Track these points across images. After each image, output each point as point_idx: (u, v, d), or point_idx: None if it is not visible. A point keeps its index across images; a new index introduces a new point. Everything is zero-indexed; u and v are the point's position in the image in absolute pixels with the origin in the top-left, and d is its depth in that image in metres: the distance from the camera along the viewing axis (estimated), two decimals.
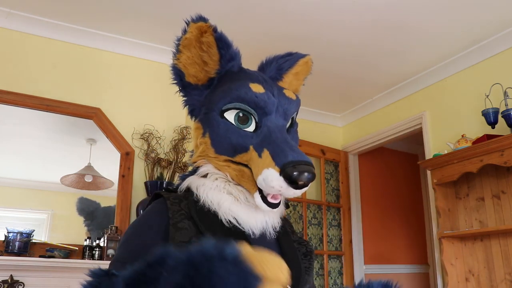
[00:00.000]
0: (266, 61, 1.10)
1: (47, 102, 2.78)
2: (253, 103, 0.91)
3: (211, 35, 0.92)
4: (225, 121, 0.92)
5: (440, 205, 3.00)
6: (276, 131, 0.90)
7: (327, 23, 2.87)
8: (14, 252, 2.43)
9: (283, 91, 0.97)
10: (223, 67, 0.97)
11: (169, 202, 0.88)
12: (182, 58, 0.95)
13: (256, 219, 0.88)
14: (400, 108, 3.83)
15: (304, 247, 0.98)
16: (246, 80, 0.93)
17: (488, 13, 2.77)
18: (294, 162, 0.81)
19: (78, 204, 2.83)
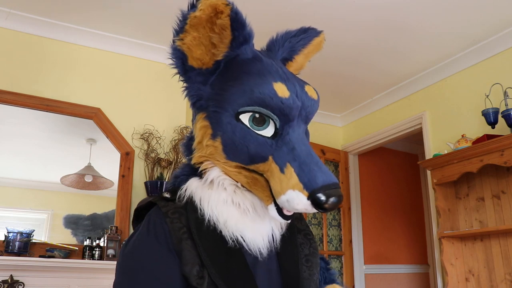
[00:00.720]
0: (278, 39, 0.95)
1: (47, 102, 2.78)
2: (278, 110, 0.78)
3: (227, 16, 0.77)
4: (241, 125, 0.79)
5: (440, 205, 3.00)
6: (300, 142, 0.79)
7: (327, 23, 2.87)
8: (14, 252, 2.43)
9: (305, 89, 0.84)
10: (233, 50, 0.83)
11: (168, 219, 0.79)
12: (187, 39, 0.80)
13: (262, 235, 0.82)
14: (400, 108, 3.83)
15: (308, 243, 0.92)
16: (268, 77, 0.80)
17: (488, 13, 2.77)
18: (325, 188, 0.73)
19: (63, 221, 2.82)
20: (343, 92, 3.93)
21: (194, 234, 0.78)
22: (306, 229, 0.94)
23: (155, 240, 0.78)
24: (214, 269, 0.75)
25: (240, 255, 0.79)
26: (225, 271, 0.76)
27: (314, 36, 0.97)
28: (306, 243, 0.92)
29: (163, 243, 0.78)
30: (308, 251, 0.91)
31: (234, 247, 0.79)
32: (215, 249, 0.78)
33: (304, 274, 0.86)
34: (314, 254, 0.92)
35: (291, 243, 0.89)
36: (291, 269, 0.85)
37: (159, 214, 0.81)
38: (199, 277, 0.75)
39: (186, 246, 0.77)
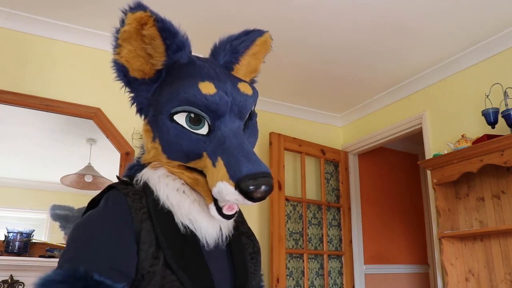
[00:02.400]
0: (220, 43, 0.98)
1: (47, 102, 2.78)
2: (204, 107, 0.83)
3: (153, 26, 0.83)
4: (175, 125, 0.84)
5: (440, 205, 3.00)
6: (230, 136, 0.82)
7: (327, 24, 2.87)
8: (14, 252, 2.43)
9: (237, 86, 0.87)
10: (170, 58, 0.88)
11: (129, 199, 0.82)
12: (123, 52, 0.88)
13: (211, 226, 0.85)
14: (400, 108, 3.83)
15: (251, 243, 0.95)
16: (196, 78, 0.85)
17: (488, 13, 2.77)
18: (249, 176, 0.75)
19: (51, 211, 2.80)
20: (343, 92, 3.93)
21: (152, 215, 0.80)
22: (248, 231, 0.99)
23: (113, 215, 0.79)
24: (169, 251, 0.78)
25: (196, 242, 0.83)
26: (180, 254, 0.79)
27: (257, 36, 0.98)
28: (249, 243, 0.96)
29: (122, 219, 0.79)
30: (252, 250, 0.95)
31: (190, 234, 0.82)
32: (171, 233, 0.81)
33: (251, 270, 0.91)
34: (257, 252, 0.96)
35: (239, 243, 0.93)
36: (241, 265, 0.89)
37: (119, 193, 0.84)
38: (154, 257, 0.77)
39: (145, 226, 0.79)
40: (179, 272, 0.77)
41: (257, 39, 0.98)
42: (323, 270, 3.88)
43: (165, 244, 0.78)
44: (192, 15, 2.77)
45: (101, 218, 0.80)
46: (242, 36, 0.98)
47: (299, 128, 4.16)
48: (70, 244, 0.77)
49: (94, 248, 0.74)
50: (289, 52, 3.15)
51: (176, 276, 0.77)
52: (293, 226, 3.82)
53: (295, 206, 3.90)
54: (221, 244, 0.87)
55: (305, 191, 3.89)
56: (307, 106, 4.20)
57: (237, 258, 0.90)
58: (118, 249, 0.75)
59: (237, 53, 0.97)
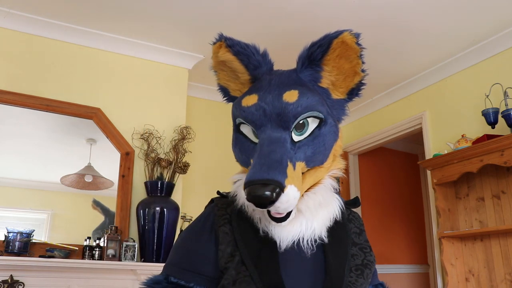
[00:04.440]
0: (300, 53, 0.97)
1: (47, 102, 2.78)
2: (244, 118, 0.89)
3: (227, 52, 0.92)
4: (238, 135, 0.93)
5: (440, 205, 3.00)
6: (264, 144, 0.84)
7: (328, 24, 2.87)
8: (14, 252, 2.43)
9: (282, 95, 0.87)
10: (253, 75, 0.96)
11: (216, 208, 0.93)
12: (220, 76, 1.01)
13: (289, 231, 0.86)
14: (400, 108, 3.83)
15: (362, 255, 0.94)
16: (246, 93, 0.92)
17: (488, 13, 2.77)
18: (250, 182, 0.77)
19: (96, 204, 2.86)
20: None
21: (233, 220, 0.90)
22: (363, 243, 0.98)
23: (201, 224, 0.94)
24: (246, 250, 0.85)
25: (273, 244, 0.86)
26: (256, 254, 0.85)
27: (333, 38, 0.94)
28: (359, 255, 0.94)
29: (207, 226, 0.92)
30: (361, 262, 0.93)
31: (268, 236, 0.86)
32: (250, 235, 0.88)
33: (351, 279, 0.88)
34: (366, 265, 0.93)
35: (340, 252, 0.92)
36: (335, 272, 0.87)
37: (211, 206, 0.97)
38: (231, 255, 0.85)
39: (224, 229, 0.89)
40: (251, 268, 0.83)
41: (333, 41, 0.93)
42: None
43: (242, 243, 0.86)
44: (191, 14, 2.77)
45: (190, 228, 0.96)
46: (319, 41, 0.95)
47: None
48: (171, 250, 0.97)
49: (179, 254, 0.92)
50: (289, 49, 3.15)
51: (248, 273, 0.83)
52: None
53: None
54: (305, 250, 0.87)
55: None
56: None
57: (331, 264, 0.88)
58: (196, 253, 0.90)
59: (315, 60, 0.94)
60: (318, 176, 0.91)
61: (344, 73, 0.95)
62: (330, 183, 0.94)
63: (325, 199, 0.90)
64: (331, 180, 0.95)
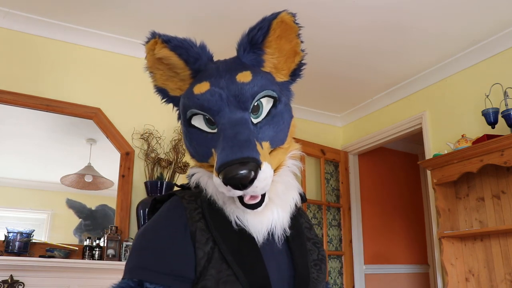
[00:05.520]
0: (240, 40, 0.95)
1: (47, 102, 2.78)
2: (198, 106, 0.85)
3: (163, 48, 0.88)
4: (191, 129, 0.88)
5: (440, 205, 3.00)
6: (227, 128, 0.82)
7: (327, 24, 2.87)
8: (14, 252, 2.43)
9: (235, 77, 0.86)
10: (193, 69, 0.92)
11: (185, 201, 0.86)
12: (157, 77, 0.95)
13: (262, 221, 0.83)
14: (400, 108, 3.83)
15: (316, 250, 0.93)
16: (196, 82, 0.88)
17: (488, 13, 2.77)
18: (225, 164, 0.75)
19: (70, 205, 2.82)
20: (343, 92, 3.93)
21: (206, 214, 0.83)
22: (315, 238, 0.97)
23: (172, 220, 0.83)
24: (225, 246, 0.79)
25: (252, 238, 0.82)
26: (236, 249, 0.79)
27: (271, 19, 0.93)
28: (314, 250, 0.93)
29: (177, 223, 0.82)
30: (317, 257, 0.92)
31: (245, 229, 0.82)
32: (226, 229, 0.82)
33: (313, 275, 0.88)
34: (322, 260, 0.93)
35: (302, 247, 0.90)
36: (302, 268, 0.86)
37: (176, 199, 0.88)
38: (211, 253, 0.79)
39: (199, 226, 0.81)
40: (234, 266, 0.77)
41: (273, 22, 0.93)
42: None
43: (220, 239, 0.79)
44: (191, 13, 2.77)
45: (158, 225, 0.84)
46: (258, 24, 0.94)
47: (299, 128, 4.13)
48: (131, 253, 0.83)
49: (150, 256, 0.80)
50: None
51: (231, 270, 0.77)
52: None
53: None
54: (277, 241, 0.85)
55: (305, 191, 3.89)
56: (307, 106, 4.19)
57: (299, 261, 0.87)
58: (172, 254, 0.79)
59: (256, 43, 0.92)
60: (280, 158, 0.90)
61: (285, 54, 0.96)
62: (293, 164, 0.93)
63: (290, 183, 0.90)
64: (293, 160, 0.94)
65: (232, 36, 0.95)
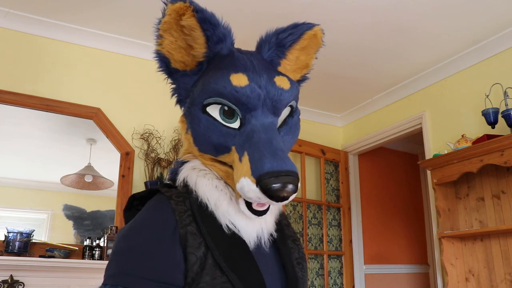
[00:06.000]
0: (265, 36, 0.92)
1: (47, 102, 2.78)
2: (234, 99, 0.79)
3: (192, 16, 0.80)
4: (207, 117, 0.81)
5: (440, 205, 3.00)
6: (260, 130, 0.78)
7: (327, 24, 2.87)
8: (14, 252, 2.43)
9: (274, 79, 0.83)
10: (211, 50, 0.85)
11: (173, 201, 0.79)
12: (165, 43, 0.86)
13: (254, 225, 0.81)
14: (400, 108, 3.83)
15: (297, 248, 0.92)
16: (229, 70, 0.82)
17: (488, 13, 2.77)
18: (271, 174, 0.71)
19: (64, 211, 2.81)
20: (343, 92, 3.93)
21: (197, 217, 0.78)
22: (293, 235, 0.95)
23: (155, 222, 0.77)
24: (218, 252, 0.75)
25: (243, 244, 0.80)
26: (229, 255, 0.76)
27: (306, 30, 0.92)
28: (295, 248, 0.92)
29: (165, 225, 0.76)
30: (298, 255, 0.91)
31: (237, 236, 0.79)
32: (218, 233, 0.78)
33: (299, 274, 0.87)
34: (303, 258, 0.92)
35: (286, 246, 0.89)
36: (291, 269, 0.86)
37: (162, 197, 0.81)
38: (204, 259, 0.74)
39: (190, 229, 0.76)
40: (229, 273, 0.74)
41: (306, 32, 0.91)
42: (323, 270, 3.88)
43: (213, 244, 0.76)
44: None
45: (143, 227, 0.78)
46: (289, 29, 0.91)
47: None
48: (113, 257, 0.76)
49: (134, 261, 0.73)
50: None
51: (226, 277, 0.74)
52: (293, 226, 3.82)
53: (295, 206, 3.90)
54: (264, 245, 0.83)
55: (305, 191, 3.89)
56: (307, 106, 4.19)
57: (287, 261, 0.86)
58: (160, 259, 0.73)
59: (283, 47, 0.91)
60: None
61: (298, 64, 0.96)
62: None
63: None
64: None
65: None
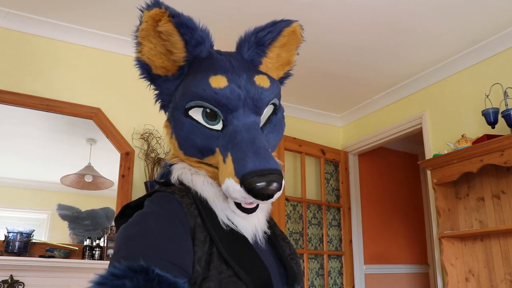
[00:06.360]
0: (244, 36, 0.93)
1: (47, 102, 2.78)
2: (214, 101, 0.80)
3: (168, 22, 0.81)
4: (190, 120, 0.82)
5: (440, 205, 3.00)
6: (242, 130, 0.79)
7: (327, 25, 2.87)
8: (14, 252, 2.43)
9: (253, 79, 0.83)
10: (191, 53, 0.86)
11: (177, 195, 0.78)
12: (144, 50, 0.86)
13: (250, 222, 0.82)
14: (400, 108, 3.83)
15: (287, 245, 0.93)
16: (208, 72, 0.82)
17: (488, 13, 2.77)
18: (254, 173, 0.72)
19: (58, 211, 2.81)
20: (343, 92, 3.93)
21: (201, 210, 0.78)
22: (282, 234, 0.96)
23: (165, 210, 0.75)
24: (222, 245, 0.75)
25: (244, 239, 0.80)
26: (232, 248, 0.76)
27: (284, 26, 0.93)
28: (285, 245, 0.93)
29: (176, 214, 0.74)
30: (290, 251, 0.92)
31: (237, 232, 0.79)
32: (220, 228, 0.78)
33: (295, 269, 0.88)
34: (295, 254, 0.93)
35: (279, 244, 0.90)
36: (288, 264, 0.87)
37: (165, 192, 0.80)
38: (209, 253, 0.74)
39: (198, 222, 0.76)
40: (235, 266, 0.73)
41: (284, 29, 0.92)
42: (323, 270, 3.88)
43: (217, 238, 0.75)
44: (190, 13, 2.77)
45: (154, 213, 0.75)
46: (268, 27, 0.92)
47: (299, 128, 4.16)
48: (122, 243, 0.70)
49: (150, 242, 0.69)
50: None
51: (232, 271, 0.73)
52: (293, 226, 3.82)
53: (295, 206, 3.90)
54: (260, 242, 0.83)
55: (305, 191, 3.89)
56: (307, 106, 4.19)
57: (283, 257, 0.87)
58: (174, 244, 0.70)
59: (262, 45, 0.92)
60: None
61: (280, 61, 0.97)
62: None
63: None
64: None
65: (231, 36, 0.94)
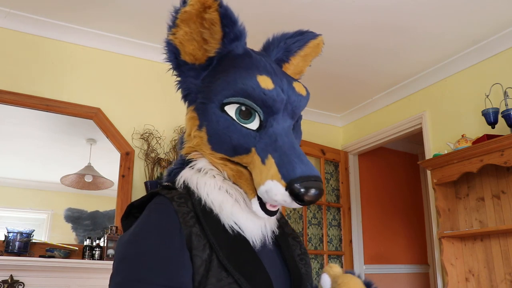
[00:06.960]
0: (273, 39, 0.95)
1: (47, 102, 2.78)
2: (260, 101, 0.79)
3: (216, 11, 0.79)
4: (226, 116, 0.80)
5: (440, 205, 3.00)
6: (283, 134, 0.80)
7: (327, 25, 2.87)
8: (14, 252, 2.43)
9: (293, 85, 0.85)
10: (225, 46, 0.85)
11: (175, 203, 0.78)
12: (179, 33, 0.83)
13: (256, 225, 0.81)
14: (400, 108, 3.83)
15: (298, 245, 0.93)
16: (253, 70, 0.81)
17: (488, 13, 2.77)
18: (303, 178, 0.73)
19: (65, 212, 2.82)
20: (343, 92, 3.93)
21: (200, 218, 0.77)
22: (293, 233, 0.96)
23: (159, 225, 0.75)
24: (222, 253, 0.74)
25: (247, 242, 0.79)
26: (233, 255, 0.75)
27: (311, 38, 0.96)
28: (296, 245, 0.93)
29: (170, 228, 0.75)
30: (300, 251, 0.92)
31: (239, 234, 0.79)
32: (222, 234, 0.77)
33: (302, 270, 0.88)
34: (305, 254, 0.93)
35: (287, 243, 0.90)
36: (293, 265, 0.86)
37: (164, 199, 0.79)
38: (209, 261, 0.73)
39: (195, 231, 0.75)
40: (235, 274, 0.73)
41: (311, 41, 0.96)
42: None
43: (217, 245, 0.74)
44: None
45: (148, 231, 0.75)
46: (296, 35, 0.95)
47: None
48: (118, 264, 0.74)
49: (143, 266, 0.70)
50: None
51: (232, 278, 0.73)
52: (293, 226, 3.82)
53: None
54: (268, 242, 0.83)
55: None
56: (307, 106, 4.19)
57: (289, 258, 0.86)
58: (169, 263, 0.71)
59: (289, 52, 0.95)
60: None
61: (295, 69, 0.99)
62: None
63: None
64: None
65: None
